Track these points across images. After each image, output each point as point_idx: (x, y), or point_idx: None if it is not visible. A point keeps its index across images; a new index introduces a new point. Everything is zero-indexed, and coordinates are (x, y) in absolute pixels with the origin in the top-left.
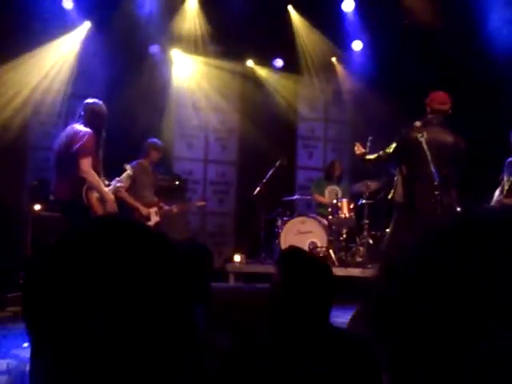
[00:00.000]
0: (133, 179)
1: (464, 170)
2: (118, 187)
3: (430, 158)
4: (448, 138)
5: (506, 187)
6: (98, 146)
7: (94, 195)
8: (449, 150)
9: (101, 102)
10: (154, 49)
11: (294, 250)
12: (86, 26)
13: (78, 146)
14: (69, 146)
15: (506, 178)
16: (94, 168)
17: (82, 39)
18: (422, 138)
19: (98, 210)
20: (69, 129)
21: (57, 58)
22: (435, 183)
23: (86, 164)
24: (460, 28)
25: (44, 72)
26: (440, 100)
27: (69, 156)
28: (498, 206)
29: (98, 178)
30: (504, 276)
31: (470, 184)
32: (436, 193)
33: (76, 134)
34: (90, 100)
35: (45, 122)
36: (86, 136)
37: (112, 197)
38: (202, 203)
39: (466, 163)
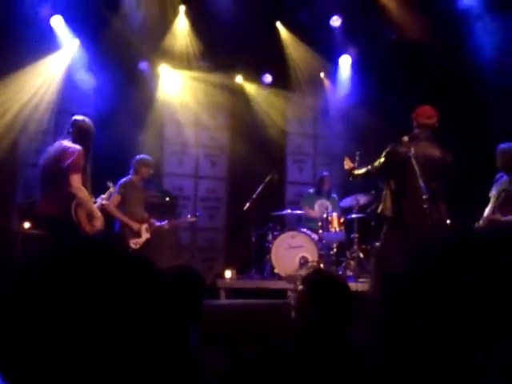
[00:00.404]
0: (123, 196)
1: (452, 183)
2: (103, 204)
3: (418, 172)
4: (435, 152)
5: (494, 204)
6: (87, 162)
7: (83, 212)
8: (436, 164)
9: (88, 119)
10: (144, 66)
11: (320, 271)
12: (75, 43)
13: (69, 161)
14: (58, 162)
15: (493, 194)
16: (83, 185)
17: (72, 57)
18: (410, 152)
19: (87, 227)
20: (57, 144)
21: (47, 76)
22: (424, 197)
23: (76, 180)
24: (448, 42)
25: (34, 89)
26: (426, 114)
27: (58, 171)
28: (488, 225)
29: (87, 194)
30: (500, 288)
31: (458, 197)
32: (425, 207)
33: (66, 150)
34: (78, 117)
35: (35, 139)
36: (77, 152)
37: (100, 215)
38: (193, 219)
39: (454, 177)
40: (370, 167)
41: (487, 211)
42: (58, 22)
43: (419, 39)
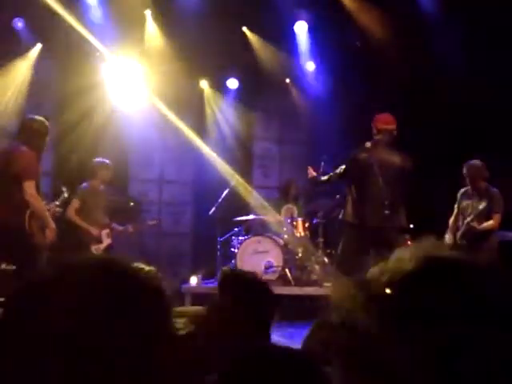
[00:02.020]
0: (82, 201)
1: (412, 188)
2: (56, 212)
3: (379, 178)
4: (395, 158)
5: (471, 216)
6: (39, 166)
7: (36, 222)
8: (396, 169)
9: (41, 119)
10: (108, 69)
11: (234, 272)
12: (38, 47)
13: (22, 167)
14: (9, 167)
15: (464, 205)
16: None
17: (35, 61)
18: (372, 158)
19: (39, 237)
20: (8, 147)
21: (11, 81)
22: (385, 203)
23: (31, 187)
24: (412, 48)
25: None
26: (384, 120)
27: (9, 177)
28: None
29: (43, 203)
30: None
31: (418, 203)
32: (386, 212)
33: (17, 154)
34: (30, 116)
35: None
36: (29, 157)
37: (54, 226)
38: (154, 222)
39: (413, 182)
40: (332, 174)
41: (453, 221)
42: (20, 25)
43: (383, 45)
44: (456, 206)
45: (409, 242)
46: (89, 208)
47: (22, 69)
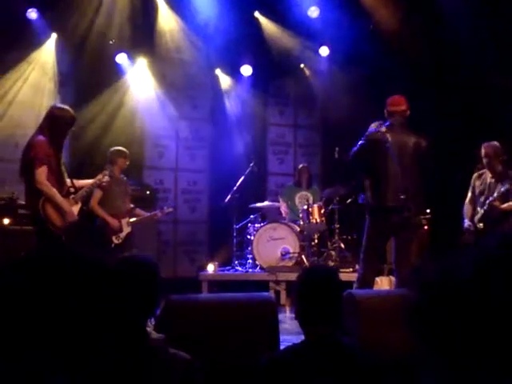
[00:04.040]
0: (105, 190)
1: (429, 170)
2: (104, 182)
3: (396, 161)
4: (410, 138)
5: (489, 193)
6: (57, 152)
7: (52, 207)
8: (412, 150)
9: (66, 107)
10: (122, 58)
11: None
12: (53, 38)
13: (31, 156)
14: (24, 156)
15: (481, 188)
16: (54, 177)
17: (54, 51)
18: (388, 142)
19: (57, 221)
20: (29, 139)
21: (36, 71)
22: (402, 187)
23: (40, 174)
24: (426, 32)
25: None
26: (394, 102)
27: (25, 166)
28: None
29: (53, 188)
30: None
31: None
32: (402, 197)
33: (29, 143)
34: (55, 104)
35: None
36: (38, 144)
37: (69, 207)
38: (169, 210)
39: (430, 163)
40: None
41: (470, 205)
42: (34, 15)
43: (397, 28)
44: (470, 190)
45: (426, 227)
46: (111, 197)
47: (45, 59)
